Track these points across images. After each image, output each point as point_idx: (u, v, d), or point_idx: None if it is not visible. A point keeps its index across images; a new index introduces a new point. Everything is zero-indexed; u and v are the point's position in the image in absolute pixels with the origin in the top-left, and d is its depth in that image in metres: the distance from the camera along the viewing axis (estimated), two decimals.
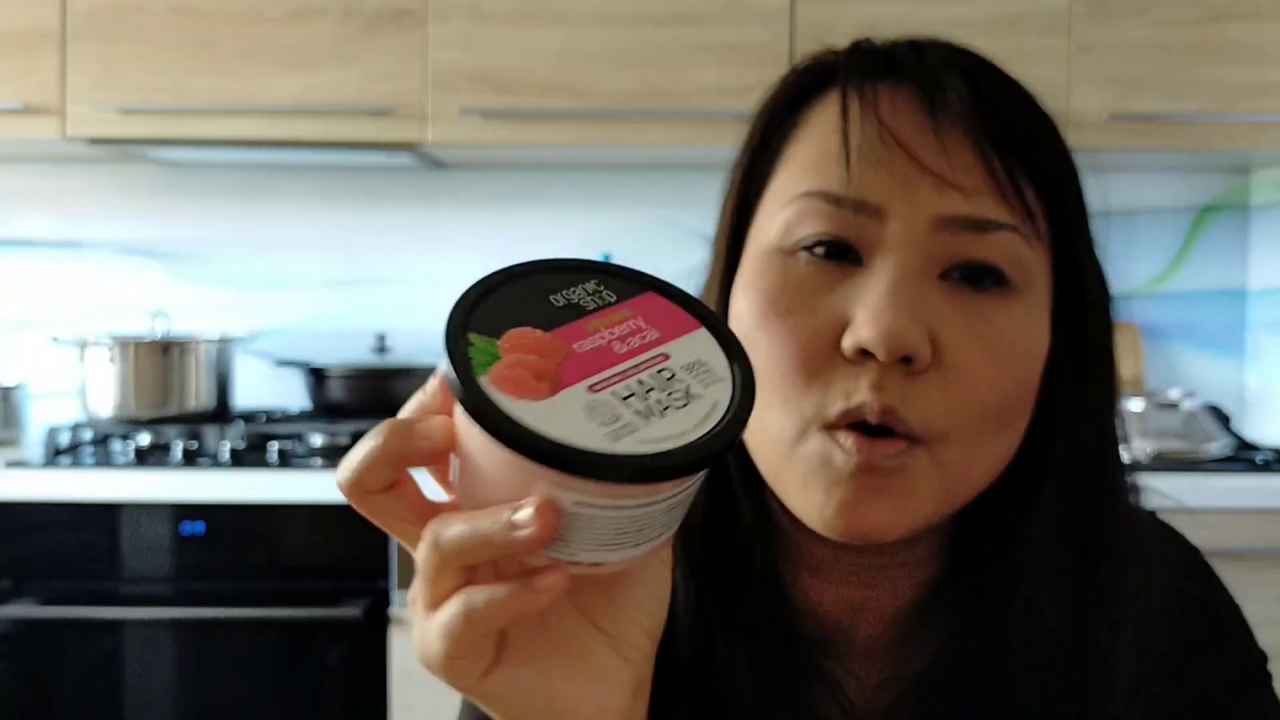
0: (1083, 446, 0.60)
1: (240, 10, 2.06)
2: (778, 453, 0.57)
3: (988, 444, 0.57)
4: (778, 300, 0.56)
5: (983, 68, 0.59)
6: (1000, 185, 0.56)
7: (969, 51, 0.60)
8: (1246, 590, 0.75)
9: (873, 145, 0.56)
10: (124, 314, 2.35)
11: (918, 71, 0.58)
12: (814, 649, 0.62)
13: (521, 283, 0.43)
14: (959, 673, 0.61)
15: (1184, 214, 2.41)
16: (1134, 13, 2.05)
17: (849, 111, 0.57)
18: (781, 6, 2.04)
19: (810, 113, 0.60)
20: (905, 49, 0.60)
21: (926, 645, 0.63)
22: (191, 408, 2.11)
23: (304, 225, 2.42)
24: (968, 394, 0.55)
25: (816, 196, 0.57)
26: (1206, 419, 2.04)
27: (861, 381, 0.54)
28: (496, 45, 2.06)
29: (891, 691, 0.63)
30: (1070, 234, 0.59)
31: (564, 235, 2.42)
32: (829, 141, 0.57)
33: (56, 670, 1.86)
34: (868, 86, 0.58)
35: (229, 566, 1.85)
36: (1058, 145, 0.59)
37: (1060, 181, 0.58)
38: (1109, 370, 0.61)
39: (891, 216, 0.55)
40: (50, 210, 2.42)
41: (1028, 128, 0.58)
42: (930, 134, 0.56)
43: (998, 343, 0.55)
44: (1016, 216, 0.56)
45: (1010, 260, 0.56)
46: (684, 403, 0.40)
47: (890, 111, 0.57)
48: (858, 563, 0.63)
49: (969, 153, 0.56)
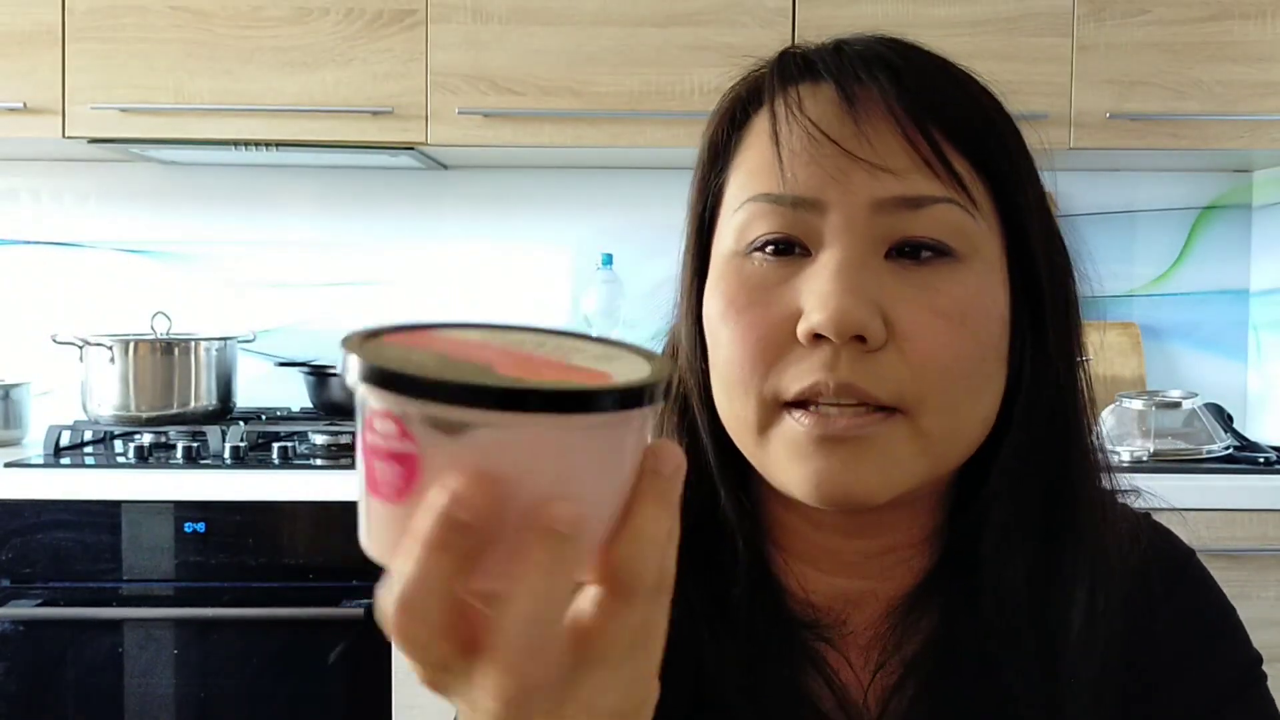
0: (1041, 403, 0.62)
1: (240, 10, 2.06)
2: (751, 439, 0.60)
3: (965, 405, 0.59)
4: (735, 299, 0.60)
5: (904, 54, 0.62)
6: (929, 161, 0.58)
7: (894, 41, 0.63)
8: (1248, 590, 0.75)
9: (803, 144, 0.59)
10: (125, 314, 2.35)
11: (836, 69, 0.61)
12: (803, 629, 0.64)
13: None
14: (953, 655, 0.62)
15: (1185, 214, 2.41)
16: (1135, 12, 2.05)
17: (777, 117, 0.61)
18: (782, 7, 2.04)
19: (749, 125, 0.63)
20: (825, 51, 0.63)
21: (920, 631, 0.64)
22: (193, 407, 2.11)
23: (305, 225, 2.42)
24: (928, 361, 0.57)
25: (760, 199, 0.60)
26: (1208, 419, 2.04)
27: (816, 363, 0.57)
28: (497, 46, 2.06)
29: (888, 677, 0.63)
30: (1010, 198, 0.61)
31: (564, 236, 2.42)
32: (766, 148, 0.61)
33: (58, 670, 1.86)
34: (791, 91, 0.61)
35: (230, 566, 1.85)
36: (984, 116, 0.61)
37: (988, 147, 0.60)
38: (1064, 325, 0.63)
39: (830, 207, 0.58)
40: (51, 210, 2.42)
41: (952, 104, 0.60)
42: (853, 125, 0.59)
43: (949, 309, 0.58)
44: (950, 188, 0.58)
45: (951, 231, 0.58)
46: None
47: (815, 110, 0.60)
48: (850, 551, 0.64)
49: (894, 136, 0.59)
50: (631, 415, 0.37)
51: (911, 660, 0.63)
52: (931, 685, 0.62)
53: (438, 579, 0.36)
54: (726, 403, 0.61)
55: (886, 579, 0.65)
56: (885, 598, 0.65)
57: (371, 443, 0.37)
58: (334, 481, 1.87)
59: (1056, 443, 0.62)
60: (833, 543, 0.64)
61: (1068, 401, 0.63)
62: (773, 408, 0.58)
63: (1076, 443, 0.64)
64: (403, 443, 0.36)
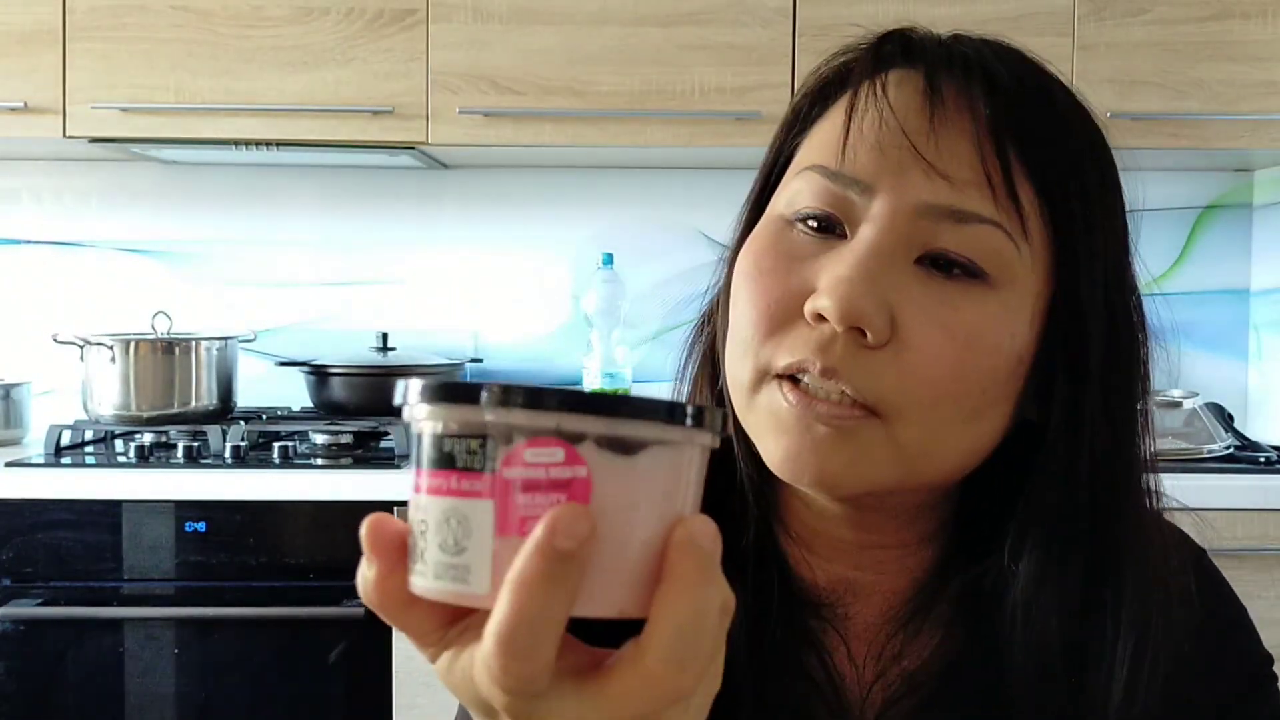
0: (1083, 451, 0.59)
1: (241, 10, 2.06)
2: (741, 399, 0.60)
3: (951, 430, 0.57)
4: (761, 261, 0.60)
5: (1005, 61, 0.60)
6: (991, 181, 0.57)
7: (1002, 47, 0.62)
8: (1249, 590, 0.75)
9: (873, 128, 0.58)
10: (126, 313, 2.35)
11: (930, 59, 0.60)
12: (804, 610, 0.64)
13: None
14: (959, 670, 0.61)
15: (1186, 213, 2.41)
16: (1136, 11, 2.05)
17: (859, 94, 0.60)
18: (783, 6, 2.03)
19: (837, 99, 0.62)
20: (926, 38, 0.62)
21: (926, 640, 0.63)
22: (193, 407, 2.11)
23: (305, 224, 2.42)
24: (919, 374, 0.56)
25: (817, 170, 0.59)
26: (1209, 418, 2.04)
27: (811, 341, 0.56)
28: (498, 45, 2.06)
29: (888, 687, 0.63)
30: (1071, 237, 0.59)
31: (565, 235, 2.42)
32: (841, 121, 0.60)
33: (58, 669, 1.86)
34: (880, 72, 0.60)
35: (231, 565, 1.85)
36: (1068, 147, 0.59)
37: (1065, 184, 0.58)
38: (1116, 376, 0.60)
39: (878, 195, 0.58)
40: (52, 209, 2.42)
41: (1040, 130, 0.58)
42: (929, 121, 0.58)
43: (959, 330, 0.56)
44: (1003, 213, 0.57)
45: (987, 254, 0.57)
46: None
47: (896, 97, 0.59)
48: (844, 539, 0.64)
49: (966, 144, 0.57)
50: (711, 440, 0.38)
51: (914, 673, 0.62)
52: (934, 705, 0.61)
53: (552, 611, 0.35)
54: (729, 359, 0.61)
55: (884, 573, 0.65)
56: (884, 592, 0.65)
57: (514, 477, 0.35)
58: (334, 481, 1.87)
59: (1099, 501, 0.60)
60: (828, 529, 0.64)
61: (1116, 471, 0.60)
62: (764, 373, 0.58)
63: (1127, 510, 0.61)
64: (570, 468, 0.35)
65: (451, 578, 0.36)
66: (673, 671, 0.36)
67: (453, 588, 0.36)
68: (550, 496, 0.35)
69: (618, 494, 0.35)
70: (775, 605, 0.63)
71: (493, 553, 0.35)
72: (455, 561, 0.36)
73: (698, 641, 0.37)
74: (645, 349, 2.36)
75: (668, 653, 0.36)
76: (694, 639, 0.37)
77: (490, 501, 0.35)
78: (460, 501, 0.35)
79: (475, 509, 0.35)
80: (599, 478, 0.35)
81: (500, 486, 0.35)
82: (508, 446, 0.35)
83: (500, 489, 0.35)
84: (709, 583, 0.37)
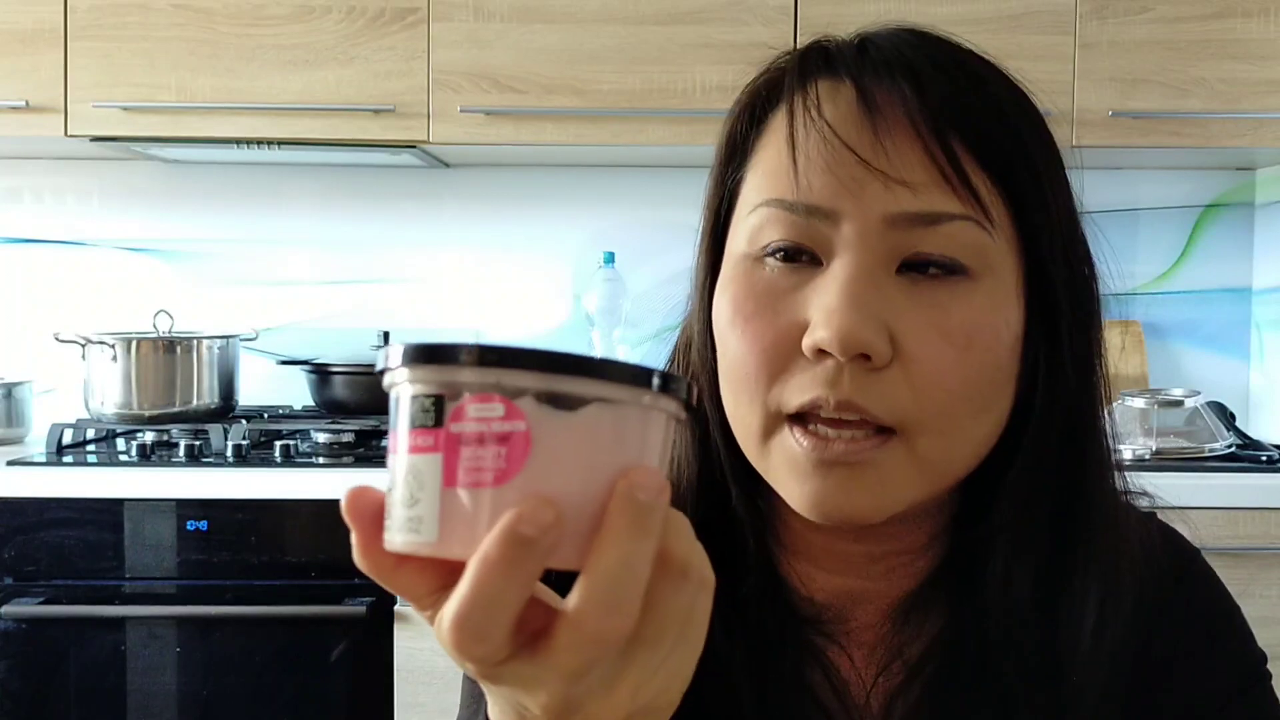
0: (1054, 426, 0.60)
1: (243, 8, 2.06)
2: (754, 446, 0.60)
3: (965, 428, 0.58)
4: (744, 304, 0.59)
5: (931, 55, 0.59)
6: (947, 177, 0.56)
7: (921, 37, 0.61)
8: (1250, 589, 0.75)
9: (819, 150, 0.58)
10: (128, 312, 2.35)
11: (857, 70, 0.59)
12: (806, 625, 0.64)
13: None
14: (956, 659, 0.62)
15: (1188, 212, 2.41)
16: (1137, 10, 2.05)
17: (795, 118, 0.59)
18: (784, 5, 2.03)
19: (768, 123, 0.62)
20: (848, 48, 0.61)
21: (923, 633, 0.63)
22: (195, 406, 2.11)
23: (307, 223, 2.43)
24: (932, 383, 0.56)
25: (774, 204, 0.59)
26: (1210, 417, 2.04)
27: (819, 378, 0.56)
28: (499, 44, 2.06)
29: (891, 679, 0.63)
30: (1031, 217, 0.59)
31: (566, 234, 2.42)
32: (782, 149, 0.59)
33: (60, 668, 1.86)
34: (810, 90, 0.59)
35: (232, 564, 1.85)
36: (1010, 127, 0.59)
37: (1011, 162, 0.58)
38: (1084, 340, 0.61)
39: (843, 218, 0.57)
40: (53, 208, 2.42)
41: (975, 114, 0.58)
42: (871, 133, 0.57)
43: (956, 331, 0.56)
44: (968, 205, 0.57)
45: (966, 249, 0.57)
46: None
47: (834, 114, 0.58)
48: (853, 553, 0.64)
49: (913, 147, 0.57)
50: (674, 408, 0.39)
51: (915, 663, 0.63)
52: (935, 689, 0.62)
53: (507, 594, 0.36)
54: (733, 406, 0.61)
55: (888, 579, 0.65)
56: (888, 597, 0.65)
57: (458, 431, 0.37)
58: (336, 480, 1.87)
59: (1069, 460, 0.61)
60: (834, 545, 0.64)
61: (1084, 416, 0.62)
62: (776, 418, 0.58)
63: (1091, 456, 0.62)
64: (509, 423, 0.36)
65: (410, 529, 0.38)
66: (599, 615, 0.37)
67: (410, 538, 0.38)
68: (491, 449, 0.36)
69: (558, 449, 0.37)
70: (777, 626, 0.63)
71: (440, 503, 0.37)
72: (412, 514, 0.37)
73: (626, 589, 0.37)
74: (646, 347, 2.36)
75: (593, 599, 0.37)
76: (621, 587, 0.37)
77: (439, 455, 0.37)
78: (417, 458, 0.37)
79: (428, 463, 0.37)
80: (538, 433, 0.36)
81: (448, 441, 0.37)
82: (455, 402, 0.37)
83: (448, 443, 0.37)
84: (643, 534, 0.37)
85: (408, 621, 1.82)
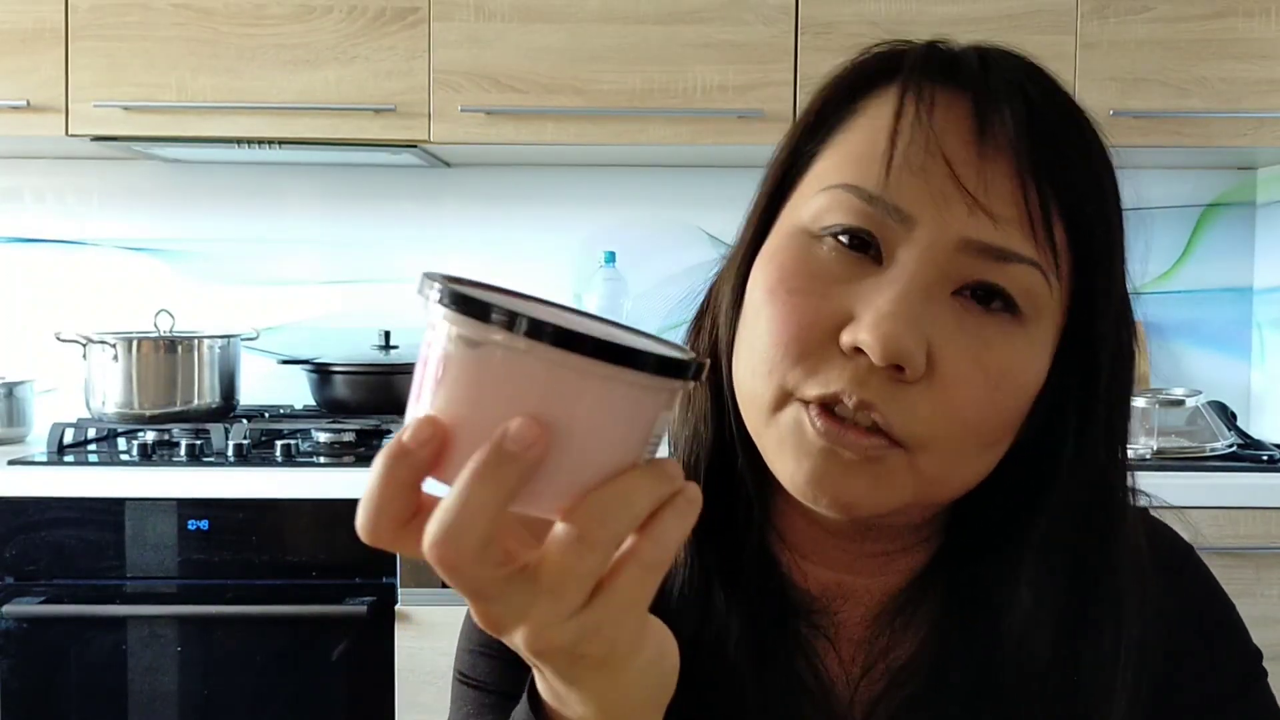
0: (1083, 478, 0.60)
1: (243, 8, 2.06)
2: (759, 416, 0.59)
3: (968, 460, 0.58)
4: (790, 278, 0.58)
5: (1044, 93, 0.59)
6: (1032, 220, 0.56)
7: (1037, 72, 0.60)
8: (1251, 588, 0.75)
9: (917, 152, 0.57)
10: (129, 311, 2.35)
11: (978, 85, 0.58)
12: (797, 616, 0.64)
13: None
14: (946, 666, 0.62)
15: (1189, 211, 2.41)
16: (1138, 9, 2.05)
17: (904, 112, 0.58)
18: (785, 4, 2.03)
19: (867, 103, 0.60)
20: (972, 58, 0.60)
21: (910, 635, 0.64)
22: (196, 405, 2.12)
23: (308, 223, 2.43)
24: (952, 410, 0.56)
25: (853, 190, 0.57)
26: (1211, 417, 2.04)
27: (847, 373, 0.55)
28: (500, 43, 2.06)
29: (876, 682, 0.63)
30: (1093, 276, 0.59)
31: (567, 233, 2.42)
32: (877, 138, 0.58)
33: (61, 667, 1.86)
34: (926, 91, 0.58)
35: (233, 564, 1.85)
36: (1098, 185, 0.59)
37: (1092, 223, 0.58)
38: (1119, 409, 0.62)
39: (919, 226, 0.56)
40: (54, 208, 2.43)
41: (1072, 165, 0.58)
42: (975, 153, 0.56)
43: (992, 367, 0.56)
44: (1042, 254, 0.56)
45: (1024, 292, 0.56)
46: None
47: (943, 121, 0.57)
48: (842, 547, 0.64)
49: (1009, 180, 0.56)
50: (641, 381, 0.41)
51: (899, 670, 0.63)
52: (919, 701, 0.62)
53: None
54: (747, 374, 0.60)
55: (877, 576, 0.65)
56: (876, 593, 0.65)
57: (420, 355, 0.43)
58: (337, 479, 1.87)
59: (1095, 517, 0.61)
60: (827, 538, 0.64)
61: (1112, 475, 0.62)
62: (789, 396, 0.57)
63: (1116, 509, 0.62)
64: (442, 351, 0.42)
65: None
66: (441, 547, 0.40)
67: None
68: (431, 372, 0.42)
69: (467, 383, 0.41)
70: (775, 605, 0.63)
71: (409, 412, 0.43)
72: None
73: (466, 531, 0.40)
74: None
75: (435, 522, 0.40)
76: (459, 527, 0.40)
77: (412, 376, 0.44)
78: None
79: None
80: (451, 366, 0.41)
81: (419, 363, 0.43)
82: (432, 333, 0.42)
83: (418, 365, 0.43)
84: (490, 479, 0.40)
85: (409, 621, 1.82)
